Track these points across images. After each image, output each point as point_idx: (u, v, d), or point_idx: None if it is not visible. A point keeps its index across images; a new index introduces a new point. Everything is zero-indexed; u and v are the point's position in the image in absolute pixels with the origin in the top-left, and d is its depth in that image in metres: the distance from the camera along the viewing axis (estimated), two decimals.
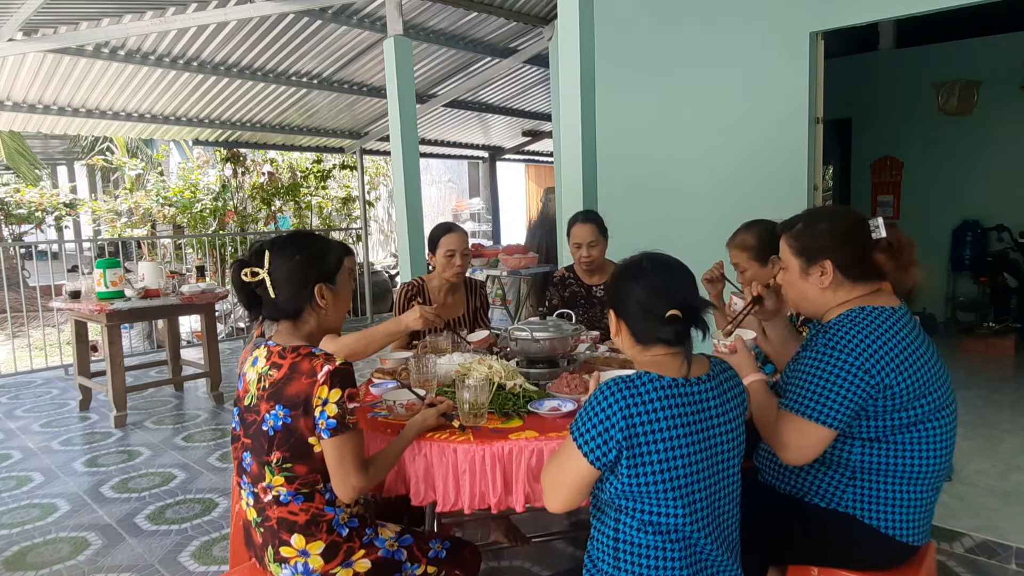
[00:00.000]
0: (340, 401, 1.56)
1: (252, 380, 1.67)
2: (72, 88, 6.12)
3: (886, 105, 6.82)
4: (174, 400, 5.33)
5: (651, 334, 1.43)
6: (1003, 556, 2.62)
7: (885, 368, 1.55)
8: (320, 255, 1.71)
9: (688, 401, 1.38)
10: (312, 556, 1.61)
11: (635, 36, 4.96)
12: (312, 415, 1.56)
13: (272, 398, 1.59)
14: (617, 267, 1.55)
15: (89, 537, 3.06)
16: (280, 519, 1.61)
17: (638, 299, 1.45)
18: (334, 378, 1.55)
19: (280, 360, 1.63)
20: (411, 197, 5.12)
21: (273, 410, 1.58)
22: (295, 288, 1.66)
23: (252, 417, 1.64)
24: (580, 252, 3.18)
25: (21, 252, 7.88)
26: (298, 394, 1.56)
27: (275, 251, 1.66)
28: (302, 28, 5.80)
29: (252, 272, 1.65)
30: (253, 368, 1.69)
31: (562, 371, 2.27)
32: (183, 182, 9.08)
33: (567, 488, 1.43)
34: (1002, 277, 6.16)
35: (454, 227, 2.95)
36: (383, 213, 14.44)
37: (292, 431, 1.57)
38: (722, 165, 4.59)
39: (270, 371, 1.63)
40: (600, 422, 1.35)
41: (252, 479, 1.65)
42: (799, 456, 1.61)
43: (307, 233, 1.82)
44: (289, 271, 1.65)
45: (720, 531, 1.43)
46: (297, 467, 1.58)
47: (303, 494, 1.60)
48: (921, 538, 1.70)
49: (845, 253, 1.67)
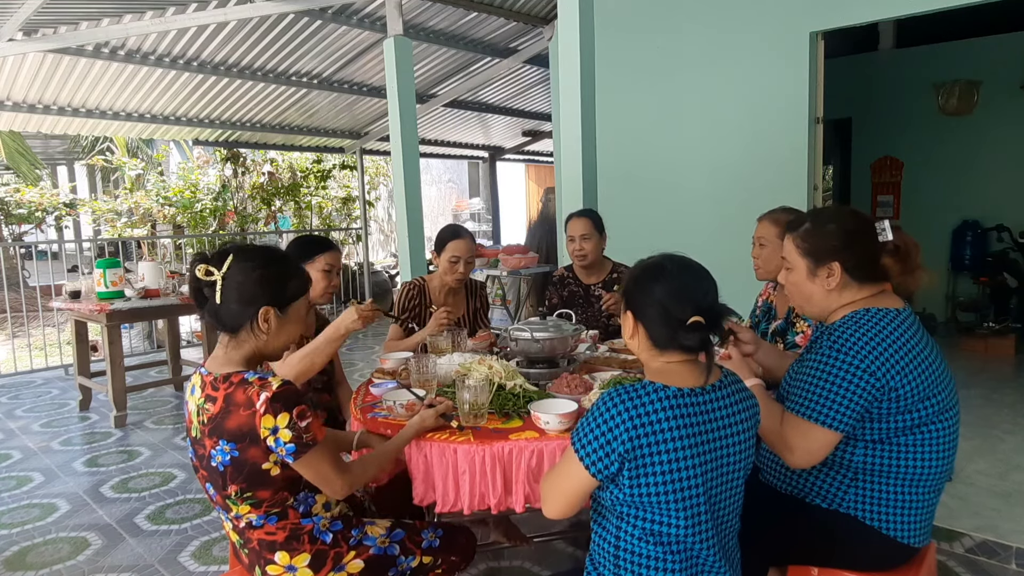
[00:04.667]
0: (291, 424, 1.47)
1: (193, 411, 1.58)
2: (72, 88, 6.12)
3: (886, 105, 6.82)
4: (174, 400, 5.33)
5: (671, 339, 1.37)
6: (1003, 556, 2.62)
7: (890, 371, 1.55)
8: (280, 278, 1.61)
9: (694, 411, 1.34)
10: (300, 569, 1.59)
11: (635, 36, 4.96)
12: (263, 444, 1.48)
13: (214, 433, 1.51)
14: (636, 267, 1.47)
15: (89, 537, 3.06)
16: (260, 540, 1.59)
17: (660, 302, 1.38)
18: (275, 404, 1.47)
19: (214, 392, 1.53)
20: (411, 197, 5.12)
21: (218, 446, 1.51)
22: (240, 302, 1.55)
23: (201, 450, 1.57)
24: (573, 245, 3.19)
25: (21, 252, 7.88)
26: (240, 427, 1.48)
27: (238, 258, 1.56)
28: (302, 28, 5.80)
29: (207, 271, 1.56)
30: (192, 397, 1.60)
31: (562, 371, 2.27)
32: (183, 182, 9.08)
33: (564, 495, 1.41)
34: (1002, 277, 6.15)
35: (462, 232, 2.91)
36: (383, 213, 14.44)
37: (243, 463, 1.51)
38: (722, 165, 4.59)
39: (206, 404, 1.54)
40: (602, 433, 1.32)
41: (222, 508, 1.61)
42: (805, 460, 1.60)
43: (275, 252, 1.70)
44: (241, 283, 1.55)
45: (721, 542, 1.41)
46: (259, 493, 1.54)
47: (275, 514, 1.57)
48: (922, 539, 1.69)
49: (853, 255, 1.65)
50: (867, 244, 1.66)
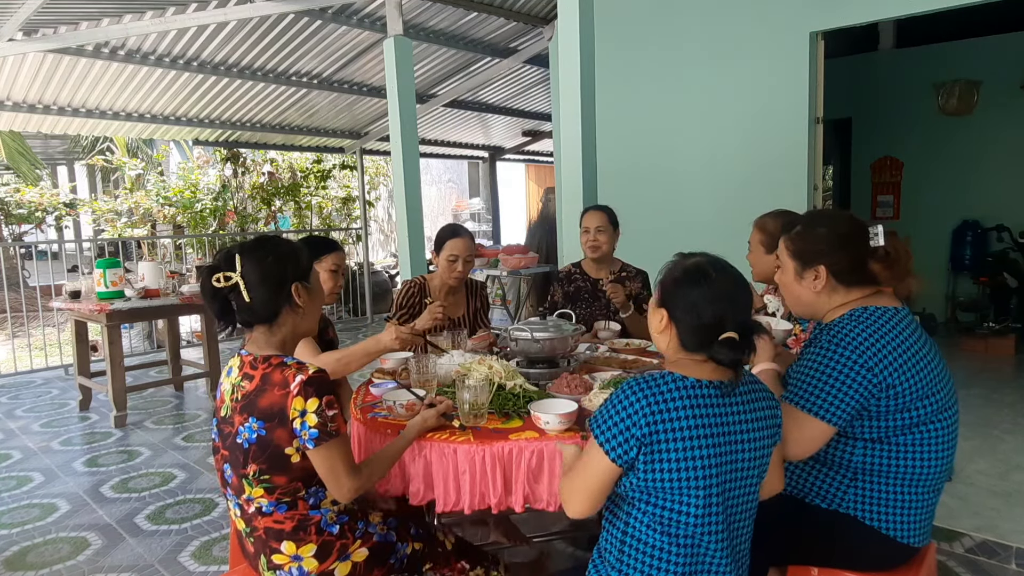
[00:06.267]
0: (319, 410, 1.52)
1: (227, 391, 1.63)
2: (72, 88, 6.12)
3: (886, 105, 6.82)
4: (174, 400, 5.33)
5: (701, 347, 1.36)
6: (1003, 556, 2.62)
7: (888, 367, 1.55)
8: (292, 255, 1.68)
9: (711, 404, 1.35)
10: (305, 559, 1.61)
11: (635, 36, 4.96)
12: (289, 426, 1.53)
13: (245, 410, 1.56)
14: (676, 266, 1.44)
15: (89, 537, 3.06)
16: (267, 528, 1.61)
17: (696, 309, 1.36)
18: (308, 387, 1.52)
19: (252, 371, 1.59)
20: (411, 197, 5.12)
21: (247, 422, 1.55)
22: (272, 289, 1.61)
23: (228, 429, 1.61)
24: (588, 236, 3.19)
25: (21, 252, 7.88)
26: (272, 406, 1.53)
27: (246, 254, 1.61)
28: (302, 28, 5.80)
29: (225, 277, 1.58)
30: (228, 379, 1.65)
31: (562, 371, 2.27)
32: (183, 182, 9.08)
33: (587, 489, 1.40)
34: (1002, 277, 6.15)
35: (460, 231, 2.91)
36: (383, 213, 14.44)
37: (267, 443, 1.55)
38: (722, 165, 4.59)
39: (242, 382, 1.59)
40: (621, 419, 1.34)
41: (235, 491, 1.64)
42: (797, 451, 1.61)
43: (273, 236, 1.76)
44: (264, 272, 1.60)
45: (732, 541, 1.42)
46: (275, 478, 1.57)
47: (285, 503, 1.59)
48: (922, 539, 1.69)
49: (840, 259, 1.67)
50: (856, 249, 1.67)
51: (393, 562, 1.72)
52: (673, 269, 1.45)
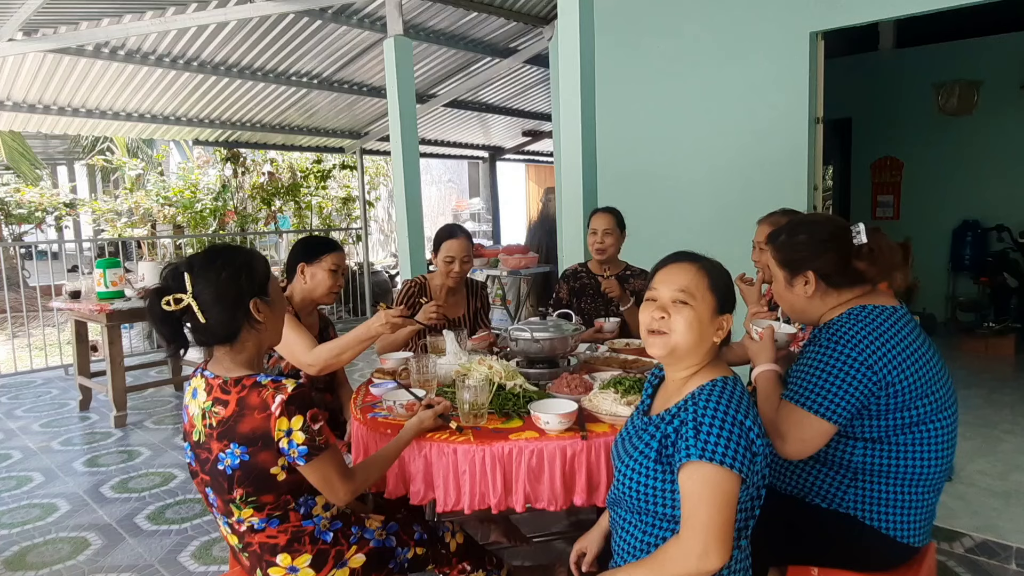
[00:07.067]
0: (304, 427, 1.47)
1: (196, 415, 1.55)
2: (72, 88, 6.12)
3: (886, 105, 6.82)
4: (174, 400, 5.33)
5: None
6: (1003, 556, 2.62)
7: (887, 365, 1.56)
8: (246, 267, 1.55)
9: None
10: (301, 570, 1.60)
11: (635, 36, 4.96)
12: (275, 447, 1.48)
13: (224, 437, 1.49)
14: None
15: (89, 537, 3.06)
16: (261, 544, 1.59)
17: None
18: (290, 406, 1.46)
19: (224, 395, 1.51)
20: (411, 197, 5.12)
21: (228, 449, 1.49)
22: (228, 308, 1.50)
23: (205, 455, 1.54)
24: (595, 238, 3.24)
25: (21, 252, 7.88)
26: (254, 431, 1.47)
27: (196, 272, 1.49)
28: (302, 28, 5.79)
29: (175, 299, 1.47)
30: (194, 401, 1.56)
31: (562, 371, 2.27)
32: (183, 182, 9.08)
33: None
34: (1002, 277, 6.15)
35: (457, 232, 2.91)
36: (383, 213, 14.44)
37: (252, 467, 1.50)
38: (722, 165, 4.58)
39: (215, 408, 1.51)
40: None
41: (222, 513, 1.60)
42: (796, 449, 1.61)
43: (224, 247, 1.64)
44: (218, 291, 1.49)
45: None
46: (263, 497, 1.54)
47: (276, 517, 1.57)
48: (922, 539, 1.70)
49: (825, 262, 1.69)
50: (838, 251, 1.69)
51: (392, 567, 1.71)
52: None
